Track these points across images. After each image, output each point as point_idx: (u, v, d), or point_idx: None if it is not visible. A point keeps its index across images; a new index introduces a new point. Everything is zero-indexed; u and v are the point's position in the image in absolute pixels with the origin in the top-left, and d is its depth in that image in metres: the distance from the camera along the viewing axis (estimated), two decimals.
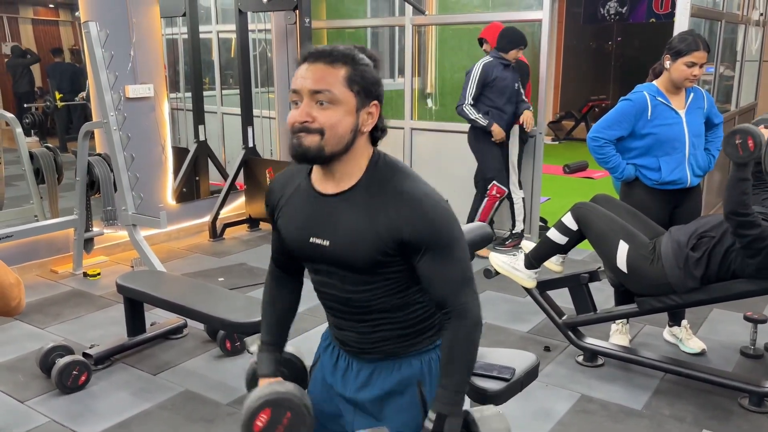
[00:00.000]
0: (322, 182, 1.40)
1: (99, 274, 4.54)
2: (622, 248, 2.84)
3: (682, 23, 4.36)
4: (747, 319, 3.31)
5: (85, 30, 4.00)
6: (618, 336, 3.36)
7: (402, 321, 1.45)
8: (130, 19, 4.88)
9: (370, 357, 1.49)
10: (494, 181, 4.73)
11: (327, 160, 1.33)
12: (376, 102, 1.34)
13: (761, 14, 6.38)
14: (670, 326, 3.42)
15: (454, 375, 1.40)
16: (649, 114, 3.04)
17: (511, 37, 4.65)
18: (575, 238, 3.06)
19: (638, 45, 10.68)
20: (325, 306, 1.51)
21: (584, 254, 4.83)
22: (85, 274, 4.52)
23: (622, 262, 2.85)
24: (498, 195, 4.76)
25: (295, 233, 1.44)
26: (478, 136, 4.74)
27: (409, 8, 5.43)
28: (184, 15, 5.59)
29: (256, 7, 5.36)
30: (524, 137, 4.93)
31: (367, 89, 1.32)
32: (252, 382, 1.66)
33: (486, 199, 4.77)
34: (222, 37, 6.84)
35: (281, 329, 1.63)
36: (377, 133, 1.39)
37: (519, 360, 2.05)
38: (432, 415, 1.39)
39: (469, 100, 4.63)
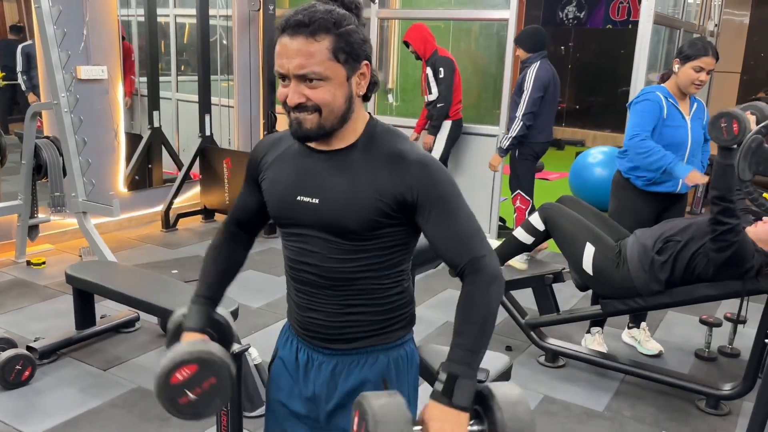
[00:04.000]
0: (315, 143, 1.34)
1: (44, 263, 4.33)
2: (589, 250, 2.85)
3: (645, 29, 4.42)
4: (702, 322, 3.37)
5: (36, 5, 3.79)
6: (595, 345, 3.33)
7: (376, 304, 1.37)
8: None
9: (334, 347, 1.39)
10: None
11: (329, 134, 1.29)
12: (366, 62, 1.28)
13: (716, 25, 6.55)
14: (630, 328, 3.45)
15: (469, 333, 1.27)
16: (665, 113, 3.02)
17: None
18: (541, 237, 3.06)
19: (595, 50, 10.86)
20: (295, 281, 1.40)
21: (543, 254, 4.86)
22: (29, 263, 4.30)
23: (588, 264, 2.85)
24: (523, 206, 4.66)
25: (282, 191, 1.36)
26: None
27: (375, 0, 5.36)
28: None
29: None
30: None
31: (354, 54, 1.25)
32: (175, 335, 1.49)
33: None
34: (179, 21, 6.63)
35: (220, 285, 1.51)
36: (370, 88, 1.32)
37: (492, 362, 2.02)
38: (442, 375, 1.25)
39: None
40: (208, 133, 5.39)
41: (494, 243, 3.35)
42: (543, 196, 4.87)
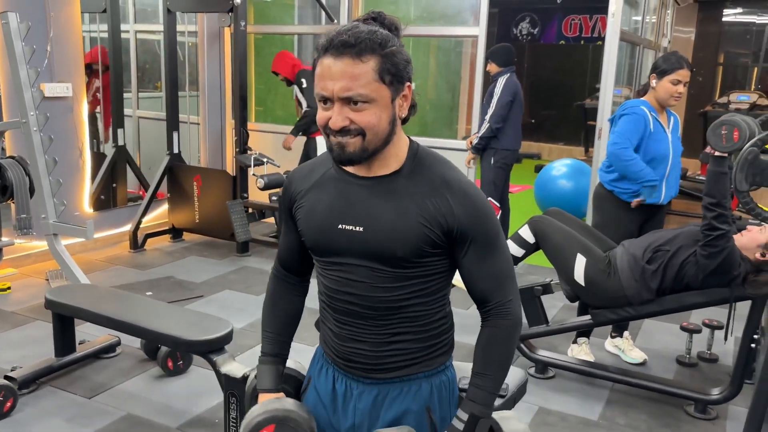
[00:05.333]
0: (354, 168, 1.31)
1: (9, 288, 4.14)
2: (580, 261, 2.90)
3: (612, 45, 4.55)
4: (683, 329, 3.47)
5: (2, 21, 3.65)
6: (582, 355, 3.38)
7: (421, 331, 1.35)
8: (47, 12, 4.52)
9: (378, 376, 1.36)
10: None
11: (371, 157, 1.26)
12: (409, 84, 1.26)
13: (669, 41, 6.81)
14: (613, 337, 3.52)
15: (491, 376, 1.33)
16: (651, 127, 3.10)
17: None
18: (531, 250, 3.10)
19: (549, 66, 11.14)
20: (336, 311, 1.36)
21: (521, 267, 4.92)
22: None
23: (579, 275, 2.90)
24: None
25: (321, 221, 1.32)
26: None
27: (342, 16, 5.36)
28: (104, 11, 5.25)
29: (186, 7, 5.12)
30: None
31: (399, 75, 1.23)
32: (253, 398, 1.52)
33: None
34: (139, 38, 6.49)
35: (284, 339, 1.50)
36: (409, 112, 1.30)
37: (510, 376, 2.03)
38: (463, 415, 1.31)
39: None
40: (175, 150, 5.28)
41: None
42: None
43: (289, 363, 1.54)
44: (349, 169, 1.31)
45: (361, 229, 1.28)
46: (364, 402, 1.37)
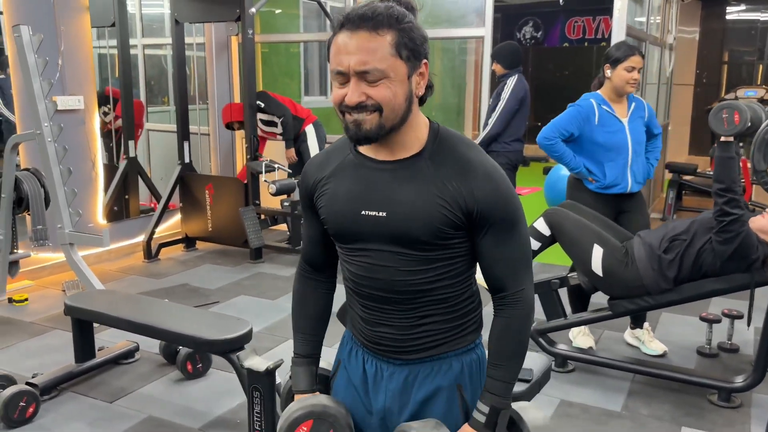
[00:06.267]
0: (374, 152, 1.29)
1: (27, 299, 4.16)
2: (597, 252, 2.89)
3: (618, 40, 4.55)
4: (703, 319, 3.44)
5: (15, 34, 3.70)
6: (582, 338, 3.42)
7: (448, 312, 1.34)
8: (58, 26, 4.58)
9: (407, 357, 1.36)
10: None
11: (386, 135, 1.24)
12: (425, 61, 1.25)
13: (674, 38, 6.81)
14: (632, 329, 3.50)
15: (508, 367, 1.33)
16: (596, 120, 3.20)
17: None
18: (547, 243, 3.09)
19: (553, 68, 11.16)
20: (362, 297, 1.35)
21: None
22: (11, 300, 4.13)
23: (597, 265, 2.89)
24: None
25: (343, 207, 1.30)
26: None
27: None
28: (113, 25, 5.31)
29: (194, 17, 5.17)
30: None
31: (416, 51, 1.22)
32: (289, 398, 1.51)
33: None
34: (147, 53, 6.56)
35: (316, 339, 1.50)
36: (426, 92, 1.29)
37: (533, 362, 2.02)
38: (484, 408, 1.31)
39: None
40: (187, 160, 5.31)
41: None
42: None
43: (322, 363, 1.53)
44: (369, 153, 1.30)
45: (384, 214, 1.27)
46: (395, 383, 1.37)
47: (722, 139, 2.60)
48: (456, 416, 1.37)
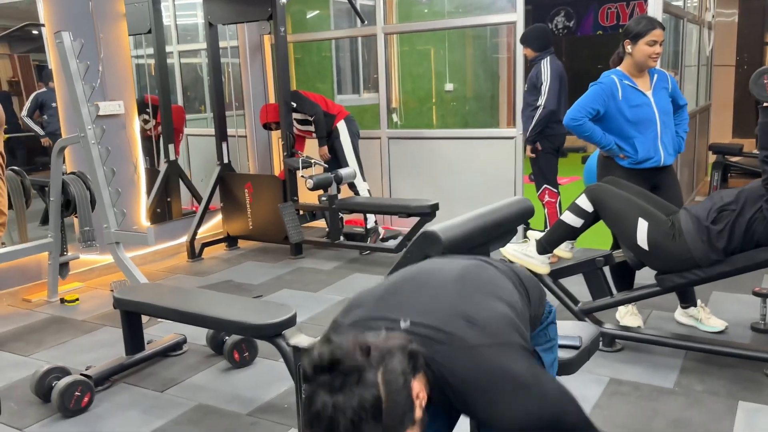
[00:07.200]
0: None
1: (77, 299, 4.27)
2: (642, 226, 2.83)
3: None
4: (756, 294, 3.34)
5: (57, 40, 3.80)
6: (630, 317, 3.35)
7: None
8: (97, 33, 4.70)
9: None
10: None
11: None
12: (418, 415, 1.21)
13: (713, 16, 6.65)
14: (685, 308, 3.42)
15: None
16: (620, 95, 3.15)
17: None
18: (590, 219, 3.03)
19: (586, 57, 10.97)
20: None
21: None
22: (62, 300, 4.25)
23: (642, 239, 2.83)
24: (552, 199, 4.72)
25: None
26: None
27: (379, 17, 5.41)
28: (149, 32, 5.42)
29: (227, 18, 5.25)
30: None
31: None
32: None
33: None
34: (182, 61, 6.69)
35: None
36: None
37: (581, 330, 1.99)
38: None
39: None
40: (225, 160, 5.39)
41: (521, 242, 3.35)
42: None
43: None
44: None
45: None
46: None
47: (765, 104, 2.52)
48: None
